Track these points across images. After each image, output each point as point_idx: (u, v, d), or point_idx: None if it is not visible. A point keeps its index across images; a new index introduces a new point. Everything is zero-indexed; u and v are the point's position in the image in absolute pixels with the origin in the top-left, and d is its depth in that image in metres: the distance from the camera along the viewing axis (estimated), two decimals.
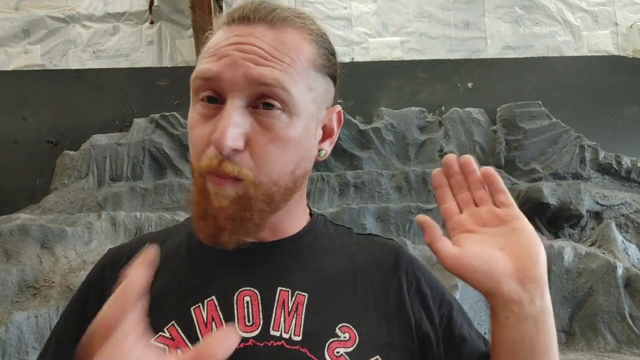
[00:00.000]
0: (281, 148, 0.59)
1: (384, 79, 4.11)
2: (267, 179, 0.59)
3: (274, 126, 0.59)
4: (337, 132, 0.71)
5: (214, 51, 0.61)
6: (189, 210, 0.66)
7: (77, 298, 0.69)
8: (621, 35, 4.43)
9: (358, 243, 0.73)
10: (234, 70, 0.58)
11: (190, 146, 0.63)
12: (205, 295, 0.63)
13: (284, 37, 0.61)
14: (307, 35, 0.63)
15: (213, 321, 0.61)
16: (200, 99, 0.61)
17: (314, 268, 0.67)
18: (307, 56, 0.62)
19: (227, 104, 0.58)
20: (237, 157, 0.58)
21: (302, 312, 0.62)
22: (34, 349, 2.46)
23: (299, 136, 0.61)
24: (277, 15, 0.61)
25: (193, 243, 0.69)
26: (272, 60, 0.58)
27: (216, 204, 0.59)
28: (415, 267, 0.71)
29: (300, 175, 0.64)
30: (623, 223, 3.53)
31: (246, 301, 0.62)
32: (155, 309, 0.62)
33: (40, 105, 3.91)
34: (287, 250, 0.67)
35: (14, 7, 4.15)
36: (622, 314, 2.86)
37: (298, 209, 0.71)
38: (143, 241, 0.73)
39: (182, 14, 4.15)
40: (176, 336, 0.60)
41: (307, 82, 0.61)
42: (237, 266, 0.65)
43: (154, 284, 0.65)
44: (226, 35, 0.61)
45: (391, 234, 3.26)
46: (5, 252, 2.82)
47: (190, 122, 0.62)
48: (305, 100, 0.61)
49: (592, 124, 4.07)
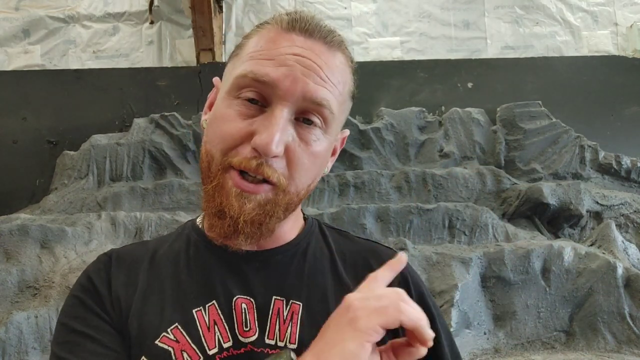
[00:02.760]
0: (312, 162, 0.62)
1: (384, 79, 4.11)
2: (294, 188, 0.62)
3: (311, 140, 0.61)
4: (338, 152, 0.74)
5: (272, 55, 0.60)
6: (189, 210, 0.66)
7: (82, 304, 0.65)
8: (621, 35, 4.43)
9: (353, 250, 0.73)
10: (293, 83, 0.59)
11: (214, 138, 0.62)
12: (206, 300, 0.63)
13: (338, 61, 0.64)
14: (350, 63, 0.67)
15: (215, 325, 0.61)
16: (239, 97, 0.61)
17: (308, 276, 0.67)
18: (349, 85, 0.66)
19: (277, 111, 0.58)
20: (275, 163, 0.59)
21: (297, 320, 0.63)
22: (34, 349, 2.46)
23: (325, 153, 0.65)
24: (334, 38, 0.64)
25: (191, 249, 0.69)
26: (327, 82, 0.61)
27: (237, 206, 0.59)
28: (411, 281, 0.71)
29: (312, 189, 0.67)
30: (623, 223, 3.53)
31: (243, 308, 0.63)
32: (158, 311, 0.62)
33: (40, 105, 3.91)
34: (282, 259, 0.68)
35: (14, 7, 4.15)
36: (622, 314, 2.86)
37: (295, 215, 0.72)
38: (142, 245, 0.74)
39: (182, 14, 4.16)
40: (181, 338, 0.60)
41: (342, 107, 0.66)
42: (233, 273, 0.66)
43: (154, 287, 0.65)
44: (286, 43, 0.61)
45: (391, 234, 3.26)
46: (5, 252, 2.82)
47: (222, 115, 0.62)
48: (338, 122, 0.66)
49: (592, 124, 4.07)
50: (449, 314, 2.68)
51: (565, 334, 2.91)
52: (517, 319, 2.88)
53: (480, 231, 3.31)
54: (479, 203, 3.54)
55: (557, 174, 3.79)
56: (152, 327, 0.61)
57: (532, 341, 2.86)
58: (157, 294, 0.64)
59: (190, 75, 3.95)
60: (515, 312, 2.89)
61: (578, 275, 2.98)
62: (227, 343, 0.60)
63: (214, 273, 0.66)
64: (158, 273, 0.67)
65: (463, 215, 3.31)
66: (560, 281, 2.97)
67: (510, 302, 2.91)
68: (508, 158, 3.85)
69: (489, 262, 2.96)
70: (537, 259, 2.98)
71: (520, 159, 3.83)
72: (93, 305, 0.63)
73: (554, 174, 3.79)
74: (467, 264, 2.92)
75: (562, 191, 3.46)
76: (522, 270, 2.95)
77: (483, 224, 3.31)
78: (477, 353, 2.73)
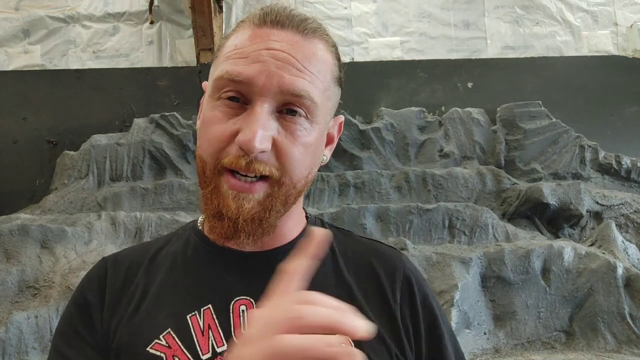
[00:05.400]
0: (302, 153, 0.61)
1: (384, 79, 4.11)
2: (289, 180, 0.61)
3: (297, 131, 0.61)
4: (337, 139, 0.73)
5: (246, 53, 0.60)
6: (189, 210, 0.66)
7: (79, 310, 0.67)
8: (621, 35, 4.43)
9: (356, 249, 0.72)
10: (268, 78, 0.58)
11: (203, 142, 0.62)
12: (202, 304, 0.63)
13: (314, 48, 0.62)
14: (330, 47, 0.66)
15: (210, 329, 0.61)
16: (221, 98, 0.61)
17: (309, 276, 0.67)
18: (331, 70, 0.65)
19: (257, 107, 0.58)
20: (264, 157, 0.59)
21: None
22: (34, 349, 2.46)
23: (316, 142, 0.64)
24: (309, 25, 0.63)
25: (189, 251, 0.69)
26: (304, 72, 0.60)
27: (235, 207, 0.59)
28: (413, 281, 0.70)
29: (310, 180, 0.66)
30: (623, 223, 3.54)
31: (242, 310, 0.62)
32: (151, 316, 0.62)
33: (40, 105, 3.91)
34: (284, 258, 0.66)
35: (14, 7, 4.15)
36: (622, 314, 2.86)
37: (297, 213, 0.71)
38: (142, 247, 0.74)
39: (182, 14, 4.16)
40: (173, 344, 0.60)
41: (327, 94, 0.64)
42: (233, 274, 0.65)
43: (150, 290, 0.65)
44: (258, 38, 0.61)
45: (391, 234, 3.26)
46: (5, 252, 2.82)
47: (208, 118, 0.62)
48: (324, 110, 0.64)
49: (592, 124, 4.07)
50: (449, 314, 2.68)
51: (565, 334, 2.91)
52: (517, 319, 2.88)
53: (480, 231, 3.31)
54: (479, 203, 3.54)
55: (557, 174, 3.79)
56: (144, 333, 0.61)
57: (532, 341, 2.86)
58: (152, 298, 0.64)
59: (190, 75, 3.96)
60: (515, 312, 2.89)
61: (578, 275, 2.98)
62: (222, 347, 0.60)
63: (213, 275, 0.66)
64: (155, 277, 0.67)
65: (463, 215, 3.31)
66: (560, 281, 2.97)
67: (510, 302, 2.91)
68: (508, 158, 3.85)
69: (489, 262, 2.96)
70: (537, 259, 2.98)
71: (520, 159, 3.83)
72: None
73: (554, 174, 3.79)
74: (467, 264, 2.92)
75: (562, 191, 3.46)
76: (522, 270, 2.95)
77: (483, 224, 3.31)
78: (477, 353, 2.73)
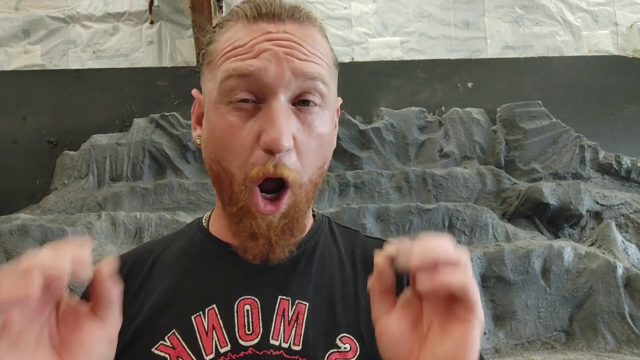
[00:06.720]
0: (320, 145, 0.60)
1: (384, 79, 4.11)
2: (307, 178, 0.60)
3: (314, 122, 0.59)
4: (337, 123, 0.71)
5: (248, 48, 0.57)
6: (189, 210, 0.65)
7: None
8: (621, 35, 4.43)
9: (363, 248, 0.71)
10: (279, 65, 0.56)
11: (225, 154, 0.59)
12: (206, 304, 0.62)
13: (312, 34, 0.61)
14: (324, 32, 0.65)
15: (214, 330, 0.60)
16: (232, 102, 0.58)
17: (315, 275, 0.65)
18: (329, 53, 0.64)
19: (273, 102, 0.56)
20: (287, 160, 0.56)
21: (302, 321, 0.61)
22: None
23: (330, 131, 0.62)
24: (302, 12, 0.62)
25: (194, 250, 0.68)
26: (311, 56, 0.59)
27: (265, 225, 0.58)
28: None
29: (325, 170, 0.64)
30: (623, 223, 3.54)
31: (246, 309, 0.62)
32: (156, 317, 0.62)
33: (40, 105, 3.91)
34: (289, 258, 0.65)
35: (14, 7, 4.15)
36: (622, 314, 2.86)
37: (309, 210, 0.70)
38: (147, 247, 0.73)
39: (182, 14, 4.15)
40: (177, 345, 0.60)
41: (332, 77, 0.63)
42: (238, 274, 0.64)
43: (155, 292, 0.65)
44: (257, 32, 0.58)
45: (391, 234, 3.26)
46: (5, 252, 2.82)
47: (222, 127, 0.58)
48: (332, 94, 0.63)
49: (592, 124, 4.07)
50: None
51: (565, 334, 2.91)
52: (517, 319, 2.88)
53: (480, 231, 3.31)
54: (479, 203, 3.54)
55: (557, 174, 3.79)
56: (149, 334, 0.61)
57: (532, 341, 2.86)
58: (157, 299, 0.64)
59: (190, 75, 3.96)
60: (515, 312, 2.89)
61: (578, 275, 2.98)
62: (225, 347, 0.59)
63: (217, 274, 0.65)
64: (160, 276, 0.66)
65: (463, 215, 3.31)
66: (560, 281, 2.97)
67: (510, 302, 2.91)
68: (508, 158, 3.85)
69: (489, 262, 2.96)
70: (537, 259, 2.98)
71: (520, 159, 3.83)
72: None
73: (554, 174, 3.79)
74: None
75: (562, 191, 3.46)
76: (522, 270, 2.95)
77: (483, 224, 3.31)
78: None
